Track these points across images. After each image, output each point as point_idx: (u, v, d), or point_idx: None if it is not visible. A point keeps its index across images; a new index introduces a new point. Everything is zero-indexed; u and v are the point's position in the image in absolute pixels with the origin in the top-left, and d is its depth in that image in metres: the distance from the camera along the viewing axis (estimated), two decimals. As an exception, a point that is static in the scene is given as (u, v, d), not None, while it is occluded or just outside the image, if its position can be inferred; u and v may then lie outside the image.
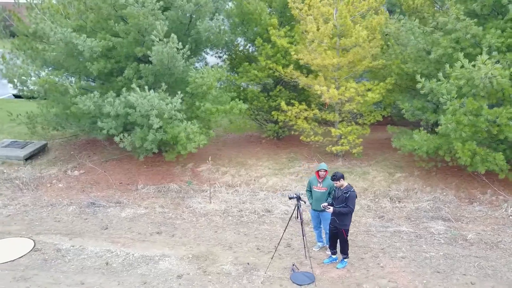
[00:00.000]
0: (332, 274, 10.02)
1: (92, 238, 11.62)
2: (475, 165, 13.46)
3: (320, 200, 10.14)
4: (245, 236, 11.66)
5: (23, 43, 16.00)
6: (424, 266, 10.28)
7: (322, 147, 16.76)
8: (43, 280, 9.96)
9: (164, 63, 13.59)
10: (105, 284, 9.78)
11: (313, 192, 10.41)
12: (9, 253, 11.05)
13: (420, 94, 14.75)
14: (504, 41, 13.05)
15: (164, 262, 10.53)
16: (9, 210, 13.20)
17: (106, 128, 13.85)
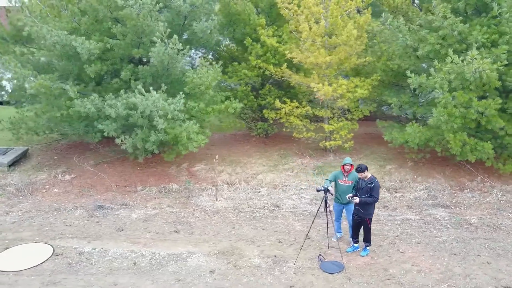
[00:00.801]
0: (358, 261, 10.46)
1: (111, 240, 11.59)
2: (464, 155, 14.23)
3: (346, 192, 10.59)
4: (263, 231, 11.95)
5: (3, 47, 15.63)
6: (440, 249, 10.88)
7: (311, 143, 17.28)
8: (74, 283, 9.90)
9: (164, 64, 13.62)
10: (139, 283, 9.83)
11: (338, 185, 10.83)
12: (30, 258, 10.93)
13: (405, 89, 15.51)
14: (489, 37, 13.85)
15: (192, 259, 10.66)
16: (12, 217, 12.95)
17: (106, 130, 13.75)
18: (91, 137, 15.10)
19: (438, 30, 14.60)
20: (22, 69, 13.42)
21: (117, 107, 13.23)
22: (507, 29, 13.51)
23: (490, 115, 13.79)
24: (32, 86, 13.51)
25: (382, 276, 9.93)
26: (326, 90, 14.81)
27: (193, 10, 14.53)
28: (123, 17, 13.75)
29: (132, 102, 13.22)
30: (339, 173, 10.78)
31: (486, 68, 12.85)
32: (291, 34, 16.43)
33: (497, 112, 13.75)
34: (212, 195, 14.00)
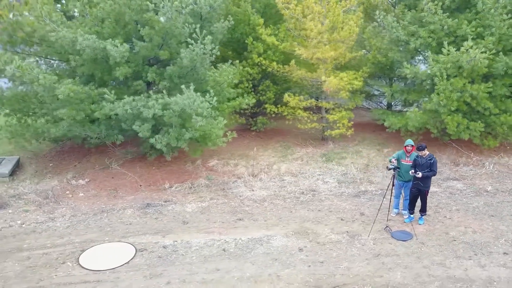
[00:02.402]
0: (420, 229, 11.99)
1: (184, 233, 12.13)
2: (458, 134, 16.28)
3: (407, 171, 12.04)
4: (319, 212, 13.11)
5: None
6: (478, 213, 12.74)
7: (306, 134, 18.93)
8: (178, 272, 10.41)
9: (195, 64, 14.22)
10: (240, 266, 10.58)
11: (401, 165, 12.24)
12: (118, 256, 11.19)
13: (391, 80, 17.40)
14: (475, 30, 15.99)
15: (274, 241, 11.56)
16: (61, 222, 12.98)
17: (139, 131, 14.08)
18: (113, 138, 15.17)
19: (428, 25, 16.33)
20: (49, 75, 13.35)
21: (155, 108, 13.54)
22: (492, 23, 15.58)
23: (480, 98, 15.78)
24: (63, 91, 13.47)
25: (446, 238, 11.46)
26: (334, 82, 16.11)
27: (209, 12, 15.12)
28: (149, 20, 14.04)
29: (167, 102, 13.58)
30: (402, 153, 12.18)
31: (481, 56, 14.71)
32: (288, 32, 17.47)
33: (486, 95, 15.71)
34: (245, 186, 14.70)
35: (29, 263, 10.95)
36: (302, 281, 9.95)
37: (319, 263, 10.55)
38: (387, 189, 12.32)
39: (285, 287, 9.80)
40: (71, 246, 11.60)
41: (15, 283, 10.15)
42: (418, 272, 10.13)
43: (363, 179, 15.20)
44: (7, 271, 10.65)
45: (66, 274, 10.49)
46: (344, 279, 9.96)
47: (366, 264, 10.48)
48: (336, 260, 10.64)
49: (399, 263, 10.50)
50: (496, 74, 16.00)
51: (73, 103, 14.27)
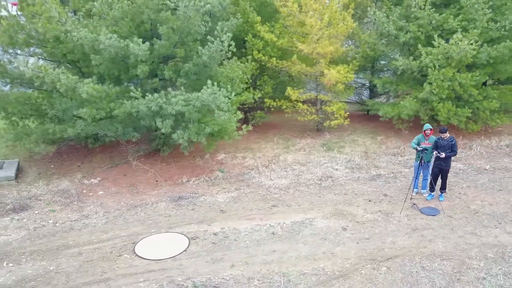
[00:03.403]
0: (443, 205, 13.20)
1: (226, 220, 12.71)
2: (448, 120, 17.75)
3: (427, 153, 13.22)
4: (346, 195, 14.07)
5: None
6: (487, 188, 14.15)
7: (302, 126, 19.87)
8: (238, 256, 11.03)
9: (213, 61, 14.83)
10: (294, 246, 11.35)
11: (419, 148, 13.37)
12: (173, 245, 11.58)
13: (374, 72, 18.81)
14: (459, 24, 17.52)
15: (317, 223, 12.41)
16: (97, 219, 13.16)
17: (162, 127, 14.52)
18: (128, 136, 15.49)
19: (416, 20, 17.70)
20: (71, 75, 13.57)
21: (178, 104, 14.02)
22: (476, 17, 17.12)
23: (466, 86, 17.31)
24: (86, 90, 13.71)
25: (469, 211, 12.75)
26: (334, 75, 17.15)
27: (219, 10, 15.76)
28: (166, 19, 14.48)
29: (189, 98, 14.10)
30: (421, 137, 13.31)
31: (470, 48, 16.20)
32: (285, 29, 18.36)
33: (473, 83, 17.26)
34: (262, 176, 15.46)
35: (84, 258, 11.07)
36: (356, 256, 10.77)
37: (365, 240, 11.42)
38: (417, 172, 13.30)
39: (342, 262, 10.57)
40: (120, 240, 11.84)
41: (78, 277, 10.36)
42: (456, 242, 11.22)
43: (369, 165, 16.23)
44: (64, 266, 10.79)
45: (127, 265, 10.74)
46: (393, 252, 10.88)
47: (408, 238, 11.46)
48: (380, 236, 11.55)
49: (436, 235, 11.55)
50: (478, 64, 17.43)
51: (93, 102, 14.35)
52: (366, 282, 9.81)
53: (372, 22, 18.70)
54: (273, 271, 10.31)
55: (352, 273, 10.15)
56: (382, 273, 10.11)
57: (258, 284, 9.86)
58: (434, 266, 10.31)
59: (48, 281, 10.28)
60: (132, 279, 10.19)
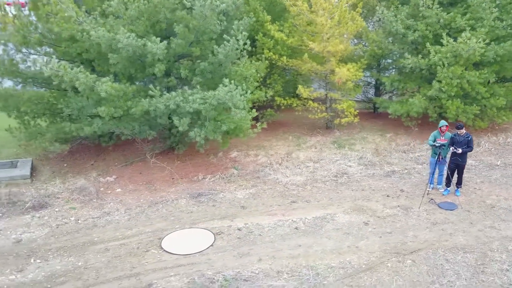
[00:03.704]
0: (459, 199, 13.51)
1: (248, 216, 12.90)
2: (456, 117, 18.07)
3: (444, 148, 13.51)
4: (363, 191, 14.32)
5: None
6: (500, 183, 14.50)
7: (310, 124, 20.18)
8: (264, 250, 11.23)
9: (228, 59, 15.04)
10: (318, 241, 11.59)
11: (436, 144, 13.66)
12: (199, 240, 11.78)
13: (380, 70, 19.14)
14: (467, 22, 17.84)
15: (338, 218, 12.65)
16: (119, 216, 13.28)
17: (179, 125, 14.69)
18: (145, 134, 15.65)
19: (424, 19, 18.00)
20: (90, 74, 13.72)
21: (196, 102, 14.20)
22: (483, 15, 17.44)
23: (474, 83, 17.63)
24: (105, 89, 13.86)
25: (486, 206, 13.06)
26: (345, 73, 17.41)
27: (232, 9, 15.96)
28: (182, 18, 14.65)
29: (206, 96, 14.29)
30: (437, 133, 13.60)
31: (479, 46, 16.51)
32: (294, 28, 18.60)
33: (481, 80, 17.59)
34: (277, 173, 15.69)
35: (112, 254, 11.23)
36: (380, 249, 11.03)
37: (388, 234, 11.68)
38: (434, 167, 13.57)
39: (368, 255, 10.81)
40: (145, 236, 12.01)
41: (108, 273, 10.51)
42: (476, 235, 11.51)
43: (381, 162, 16.51)
44: (92, 262, 10.95)
45: (156, 260, 10.91)
46: (416, 245, 11.15)
47: (428, 232, 11.73)
48: (401, 230, 11.82)
49: (456, 228, 11.84)
50: (485, 62, 17.75)
51: (110, 101, 14.49)
52: (393, 275, 10.04)
53: (379, 21, 18.78)
54: (301, 264, 10.51)
55: (378, 266, 10.37)
56: (408, 266, 10.35)
57: (287, 278, 10.05)
58: (458, 258, 10.56)
59: (78, 276, 10.41)
60: (162, 273, 10.35)
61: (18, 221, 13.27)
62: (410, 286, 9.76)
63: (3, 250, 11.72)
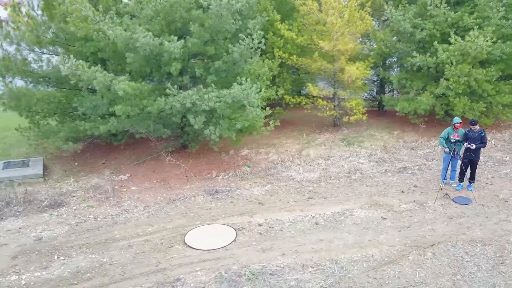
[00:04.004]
0: (473, 194, 13.79)
1: (267, 212, 13.09)
2: (463, 114, 18.38)
3: (459, 144, 13.77)
4: (378, 187, 14.56)
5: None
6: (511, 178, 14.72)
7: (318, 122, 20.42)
8: (286, 245, 11.40)
9: (243, 58, 15.24)
10: (339, 235, 11.80)
11: (450, 140, 13.92)
12: (221, 236, 11.93)
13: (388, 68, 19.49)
14: (474, 21, 18.16)
15: (356, 213, 12.86)
16: (138, 213, 13.40)
17: (194, 123, 14.86)
18: (160, 133, 15.81)
19: (431, 18, 18.30)
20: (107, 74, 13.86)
21: (212, 100, 14.38)
22: (490, 14, 17.75)
23: (480, 81, 17.95)
24: (122, 88, 14.01)
25: (499, 200, 13.34)
26: (355, 71, 17.68)
27: (246, 8, 16.16)
28: (198, 17, 14.83)
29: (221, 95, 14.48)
30: (450, 130, 13.88)
31: (486, 44, 16.83)
32: (303, 27, 18.84)
33: (489, 78, 17.91)
34: (290, 170, 15.92)
35: (136, 250, 11.37)
36: (400, 243, 11.26)
37: (406, 228, 11.92)
38: (449, 161, 13.82)
39: (389, 249, 11.04)
40: (167, 232, 12.17)
41: (134, 268, 10.65)
42: (493, 228, 11.77)
43: (391, 158, 16.77)
44: (117, 258, 11.08)
45: (181, 255, 11.07)
46: (435, 238, 11.40)
47: (446, 225, 11.99)
48: (419, 224, 12.06)
49: (473, 222, 12.10)
50: (491, 60, 18.07)
51: (127, 99, 14.64)
52: (415, 267, 10.27)
53: (387, 20, 19.05)
54: (324, 258, 10.70)
55: (400, 259, 10.59)
56: (429, 259, 10.58)
57: (312, 271, 10.25)
58: (477, 251, 10.80)
59: (104, 272, 10.53)
60: (188, 268, 10.50)
61: (36, 219, 13.29)
62: (433, 278, 9.89)
63: (24, 248, 11.76)
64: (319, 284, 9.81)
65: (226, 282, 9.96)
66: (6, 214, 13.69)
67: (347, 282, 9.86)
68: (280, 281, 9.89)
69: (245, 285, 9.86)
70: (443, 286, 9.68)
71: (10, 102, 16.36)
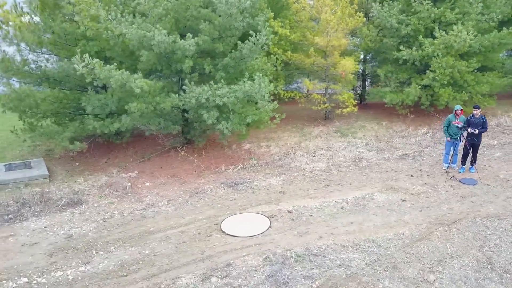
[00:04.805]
0: (476, 175, 14.99)
1: (292, 199, 13.68)
2: (447, 103, 19.70)
3: (456, 130, 14.92)
4: (388, 173, 15.49)
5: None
6: (506, 160, 16.12)
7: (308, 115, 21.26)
8: (320, 229, 12.05)
9: (252, 54, 15.90)
10: (367, 218, 12.58)
11: (452, 126, 15.02)
12: (256, 223, 12.41)
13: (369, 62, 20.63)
14: (456, 16, 19.51)
15: (377, 197, 13.67)
16: (164, 206, 13.63)
17: (207, 118, 15.36)
18: (170, 129, 16.21)
19: (415, 14, 19.51)
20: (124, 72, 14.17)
21: (227, 96, 14.95)
22: (470, 10, 19.12)
23: (463, 72, 19.31)
24: (140, 85, 14.37)
25: (501, 179, 14.54)
26: (348, 66, 18.63)
27: (250, 6, 16.77)
28: (207, 15, 15.35)
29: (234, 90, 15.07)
30: (452, 117, 14.98)
31: (469, 38, 18.16)
32: (296, 24, 19.64)
33: (471, 69, 19.28)
34: (297, 161, 16.65)
35: (176, 241, 11.72)
36: (425, 221, 12.18)
37: (426, 208, 12.86)
38: (456, 144, 14.92)
39: (417, 227, 11.93)
40: (200, 223, 12.59)
41: (180, 257, 11.01)
42: (503, 205, 12.90)
43: (388, 147, 17.79)
44: (159, 249, 11.41)
45: (223, 243, 11.54)
46: (454, 216, 12.39)
47: (460, 204, 13.02)
48: (437, 204, 13.04)
49: (484, 200, 13.19)
50: (471, 53, 19.43)
51: (140, 97, 14.95)
52: (445, 242, 11.16)
53: (373, 16, 20.05)
54: (360, 239, 11.42)
55: (429, 235, 11.47)
56: (455, 234, 11.50)
57: (353, 251, 10.95)
58: (495, 225, 11.83)
59: (150, 263, 10.82)
60: (234, 254, 10.95)
61: (58, 218, 13.35)
62: (464, 250, 10.80)
63: (57, 245, 11.84)
64: (363, 262, 10.40)
65: (276, 264, 10.42)
66: (24, 214, 13.58)
67: (388, 258, 10.52)
68: (326, 261, 10.47)
69: (295, 266, 10.34)
70: (475, 256, 10.51)
71: (9, 103, 16.11)
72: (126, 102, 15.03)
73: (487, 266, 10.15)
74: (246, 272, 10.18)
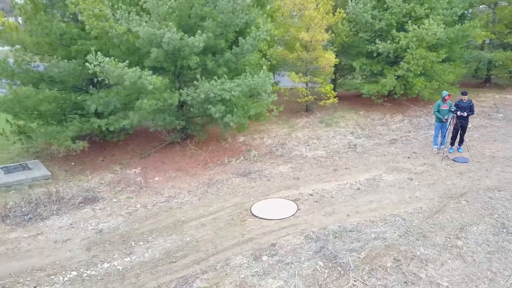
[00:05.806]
0: (464, 154, 16.61)
1: (308, 184, 14.51)
2: (418, 92, 21.42)
3: (445, 114, 16.46)
4: (386, 156, 16.75)
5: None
6: (486, 140, 17.83)
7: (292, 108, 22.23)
8: (345, 208, 12.96)
9: (254, 49, 16.81)
10: (383, 196, 13.64)
11: (441, 110, 16.49)
12: (284, 207, 13.15)
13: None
14: (425, 11, 21.24)
15: (385, 177, 14.75)
16: (186, 198, 13.97)
17: (214, 112, 16.09)
18: (175, 124, 16.81)
19: (389, 10, 21.07)
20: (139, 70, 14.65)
21: (235, 89, 15.76)
22: (437, 5, 20.89)
23: (433, 63, 21.07)
24: (153, 82, 14.94)
25: (488, 157, 16.15)
26: (331, 59, 19.88)
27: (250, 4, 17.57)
28: (210, 13, 16.09)
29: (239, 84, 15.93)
30: (440, 102, 16.46)
31: (440, 31, 19.91)
32: (278, 20, 20.67)
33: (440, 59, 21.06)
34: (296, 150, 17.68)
35: (212, 227, 12.27)
36: (435, 196, 13.48)
37: (432, 185, 14.20)
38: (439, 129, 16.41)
39: (430, 201, 13.20)
40: (230, 209, 13.22)
41: (223, 241, 11.58)
42: (497, 178, 14.45)
43: (373, 134, 19.13)
44: (199, 236, 11.94)
45: (259, 226, 12.27)
46: (459, 190, 13.79)
47: (461, 180, 14.46)
48: (441, 181, 14.41)
49: (480, 174, 14.71)
50: (438, 44, 21.18)
51: (149, 93, 15.45)
52: (459, 212, 12.48)
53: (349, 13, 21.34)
54: (385, 214, 12.52)
55: (443, 208, 12.75)
56: (465, 205, 12.85)
57: (383, 225, 12.03)
58: (497, 196, 13.29)
59: (196, 248, 11.34)
60: (274, 235, 11.71)
61: (80, 215, 13.53)
62: (478, 218, 12.14)
63: (90, 240, 12.04)
64: (395, 234, 11.48)
65: (319, 240, 11.32)
66: (42, 214, 13.63)
67: (416, 229, 11.66)
68: (362, 235, 11.45)
69: (336, 242, 11.25)
70: (489, 223, 11.85)
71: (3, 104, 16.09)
72: (132, 99, 15.31)
73: (502, 230, 11.41)
74: (293, 250, 10.86)
